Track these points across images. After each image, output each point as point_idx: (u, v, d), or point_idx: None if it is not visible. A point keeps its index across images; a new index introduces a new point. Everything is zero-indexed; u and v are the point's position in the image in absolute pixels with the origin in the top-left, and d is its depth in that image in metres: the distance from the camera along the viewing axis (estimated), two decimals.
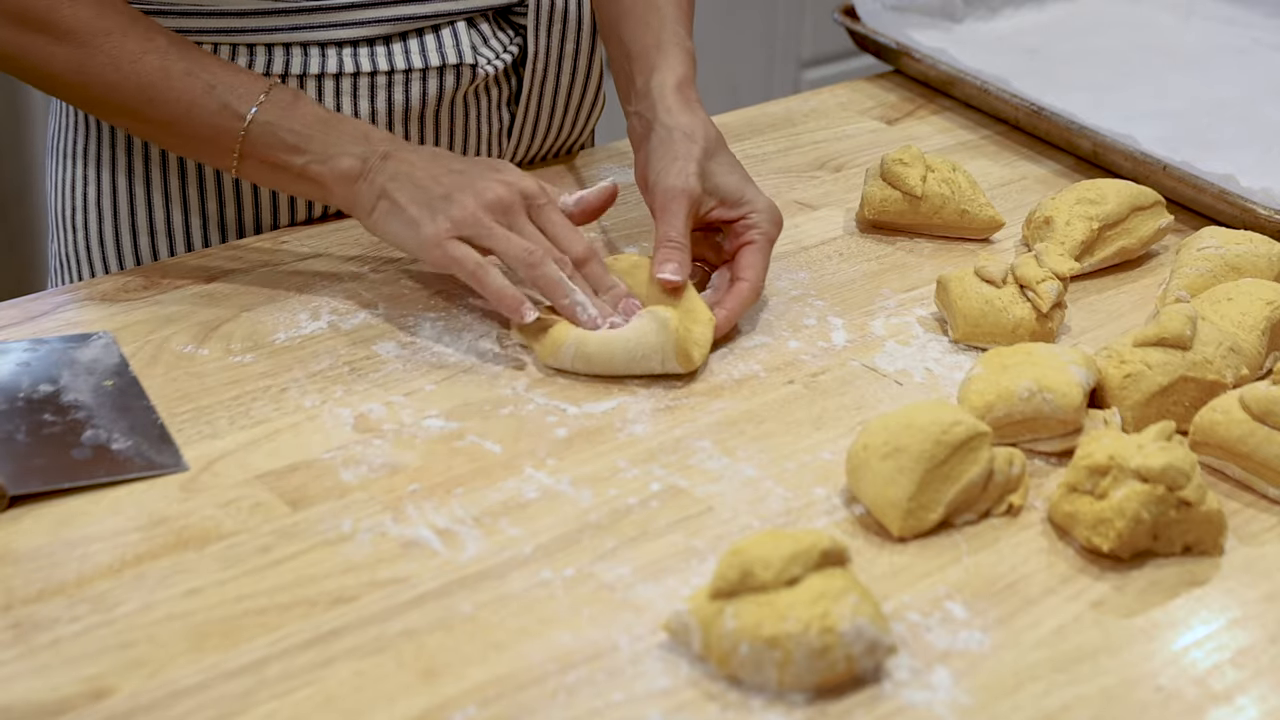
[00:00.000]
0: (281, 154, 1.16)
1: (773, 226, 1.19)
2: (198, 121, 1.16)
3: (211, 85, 1.15)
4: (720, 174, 1.19)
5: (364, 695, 0.86)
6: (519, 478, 1.03)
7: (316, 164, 1.15)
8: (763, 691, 0.87)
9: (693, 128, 1.19)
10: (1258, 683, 0.90)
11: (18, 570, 0.94)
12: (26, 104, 2.31)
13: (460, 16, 1.30)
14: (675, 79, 1.23)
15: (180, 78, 1.15)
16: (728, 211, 1.19)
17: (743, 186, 1.19)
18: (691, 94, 1.23)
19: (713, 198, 1.18)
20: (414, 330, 1.17)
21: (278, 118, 1.15)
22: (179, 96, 1.15)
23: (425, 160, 1.15)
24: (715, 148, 1.20)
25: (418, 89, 1.29)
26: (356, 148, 1.15)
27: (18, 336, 1.15)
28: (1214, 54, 1.68)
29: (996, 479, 1.00)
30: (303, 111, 1.16)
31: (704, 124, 1.20)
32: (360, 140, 1.16)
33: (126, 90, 1.16)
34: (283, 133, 1.15)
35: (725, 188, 1.19)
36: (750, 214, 1.18)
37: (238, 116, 1.15)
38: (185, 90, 1.15)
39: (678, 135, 1.19)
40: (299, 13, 1.25)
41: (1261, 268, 1.22)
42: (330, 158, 1.15)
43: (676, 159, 1.18)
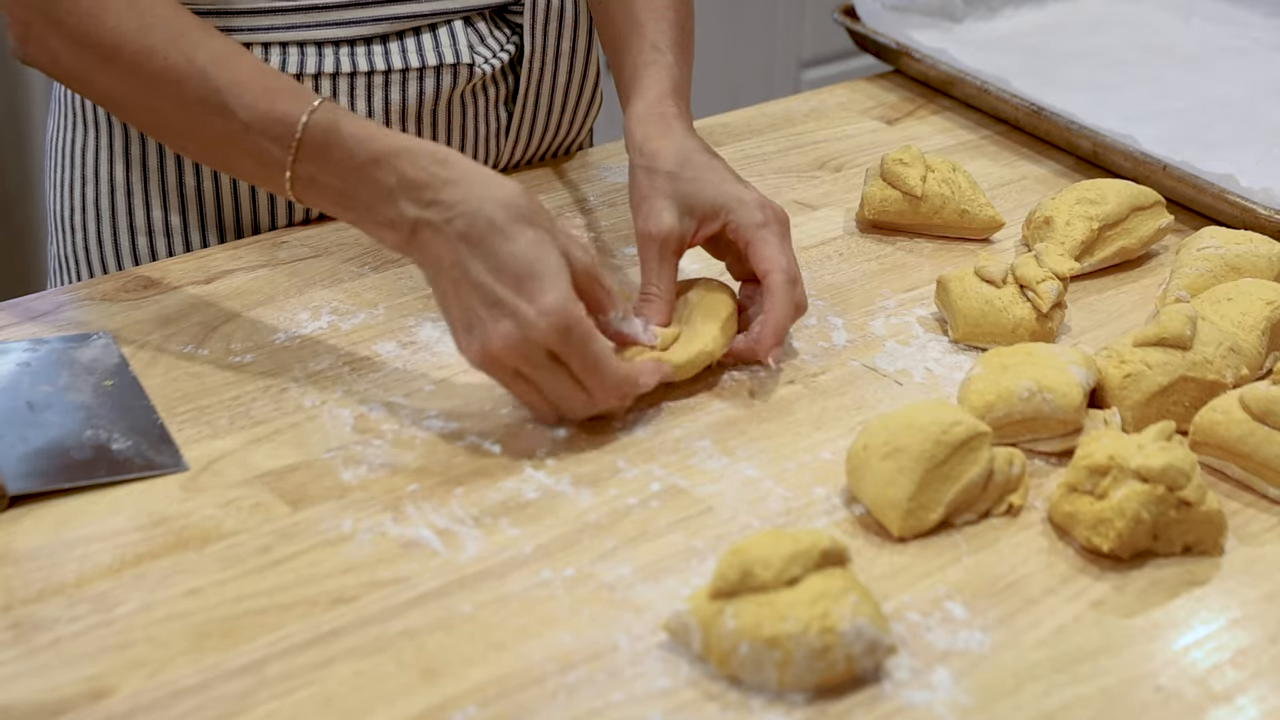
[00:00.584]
0: (329, 206, 1.09)
1: (756, 214, 1.13)
2: (243, 162, 1.10)
3: (247, 126, 1.07)
4: (691, 194, 1.14)
5: (364, 695, 0.86)
6: (519, 478, 1.03)
7: (359, 223, 1.08)
8: (763, 691, 0.87)
9: (656, 155, 1.15)
10: (1258, 683, 0.90)
11: (18, 570, 0.94)
12: (27, 104, 2.31)
13: (457, 15, 1.30)
14: (644, 105, 1.18)
15: (216, 118, 1.08)
16: (711, 225, 1.14)
17: (716, 194, 1.14)
18: (665, 108, 1.18)
19: (691, 219, 1.14)
20: (414, 330, 1.17)
21: (316, 170, 1.07)
22: (217, 136, 1.09)
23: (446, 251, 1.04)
24: (684, 165, 1.14)
25: (414, 88, 1.29)
26: (388, 209, 1.05)
27: (18, 336, 1.15)
28: (1214, 54, 1.68)
29: (996, 479, 1.00)
30: (336, 160, 1.06)
31: (671, 143, 1.15)
32: (392, 196, 1.05)
33: (168, 120, 1.12)
34: (323, 188, 1.07)
35: (699, 205, 1.13)
36: (729, 218, 1.13)
37: (278, 165, 1.07)
38: (223, 131, 1.08)
39: (640, 173, 1.15)
40: (296, 11, 1.25)
41: (1261, 268, 1.22)
42: (369, 220, 1.07)
43: (644, 199, 1.14)
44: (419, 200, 1.04)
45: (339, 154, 1.06)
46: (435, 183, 1.04)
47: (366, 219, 1.07)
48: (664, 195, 1.13)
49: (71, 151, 1.33)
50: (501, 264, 1.02)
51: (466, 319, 1.04)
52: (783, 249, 1.13)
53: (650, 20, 1.24)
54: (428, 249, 1.04)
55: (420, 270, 1.07)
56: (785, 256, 1.12)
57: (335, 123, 1.06)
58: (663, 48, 1.23)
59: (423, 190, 1.04)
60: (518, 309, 1.02)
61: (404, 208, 1.04)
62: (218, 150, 1.11)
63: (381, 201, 1.05)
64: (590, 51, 1.37)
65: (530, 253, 1.03)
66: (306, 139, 1.06)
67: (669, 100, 1.19)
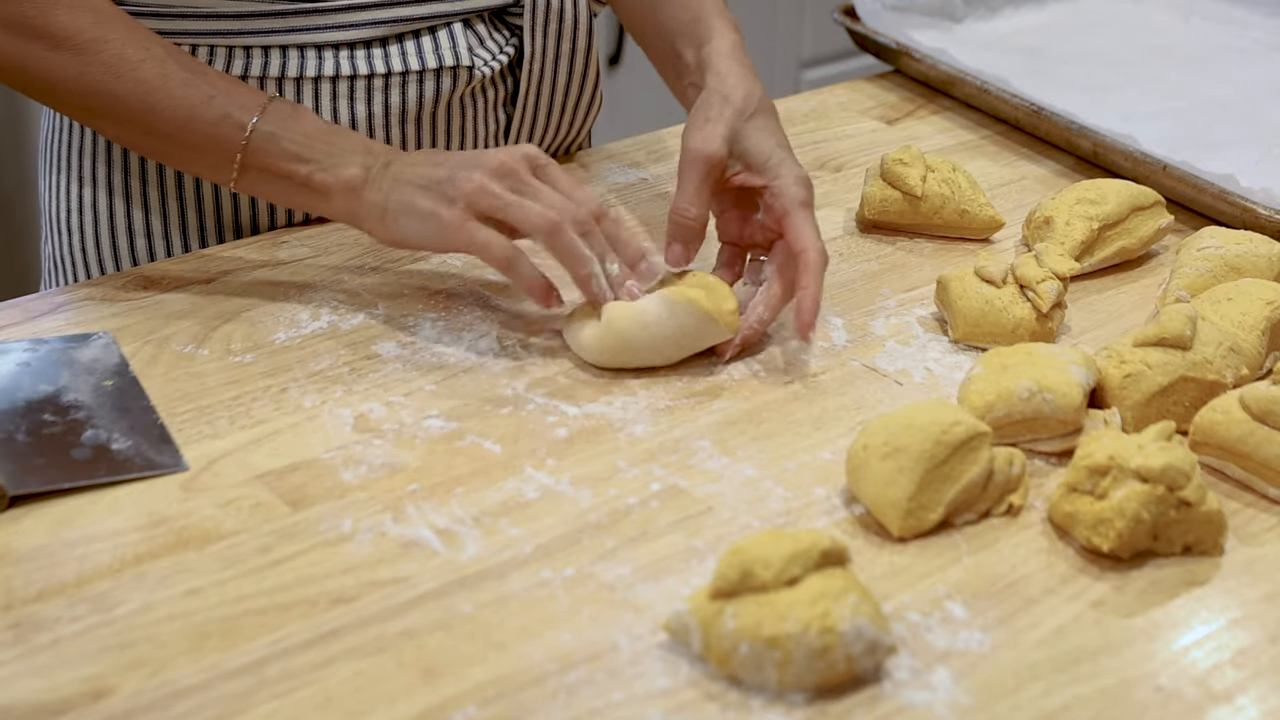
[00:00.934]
0: (284, 163, 1.15)
1: (800, 190, 1.16)
2: (198, 131, 1.15)
3: (211, 95, 1.15)
4: (751, 138, 1.17)
5: (364, 695, 0.86)
6: (519, 478, 1.03)
7: (320, 173, 1.14)
8: (763, 691, 0.87)
9: (732, 90, 1.18)
10: (1258, 683, 0.90)
11: (18, 570, 0.94)
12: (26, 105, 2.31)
13: (456, 18, 1.30)
14: (728, 45, 1.22)
15: (180, 86, 1.14)
16: (753, 177, 1.17)
17: (772, 151, 1.17)
18: (745, 57, 1.22)
19: (739, 161, 1.17)
20: (414, 330, 1.17)
21: (280, 127, 1.15)
22: (179, 105, 1.14)
23: (425, 156, 1.14)
24: (754, 111, 1.18)
25: (414, 91, 1.29)
26: (359, 157, 1.14)
27: (18, 336, 1.15)
28: (1214, 54, 1.68)
29: (996, 479, 1.00)
30: (304, 122, 1.16)
31: (747, 87, 1.19)
32: (363, 151, 1.15)
33: (126, 98, 1.15)
34: (285, 142, 1.15)
35: (753, 151, 1.17)
36: (775, 180, 1.16)
37: (239, 126, 1.14)
38: (185, 99, 1.14)
39: (714, 98, 1.18)
40: (295, 15, 1.25)
41: (1261, 268, 1.21)
42: (334, 167, 1.14)
43: (707, 121, 1.17)
44: (389, 150, 1.15)
45: (306, 118, 1.16)
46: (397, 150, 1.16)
47: (327, 165, 1.14)
48: (727, 124, 1.16)
49: (66, 153, 1.33)
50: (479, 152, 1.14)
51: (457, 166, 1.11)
52: (816, 230, 1.15)
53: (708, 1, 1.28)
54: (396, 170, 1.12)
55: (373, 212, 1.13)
56: (819, 238, 1.15)
57: (298, 104, 1.18)
58: (722, 6, 1.27)
59: (387, 151, 1.15)
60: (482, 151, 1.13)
61: (378, 154, 1.14)
62: (169, 124, 1.15)
63: (350, 151, 1.14)
64: (590, 53, 1.37)
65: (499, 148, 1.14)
66: (275, 104, 1.15)
67: (743, 52, 1.23)
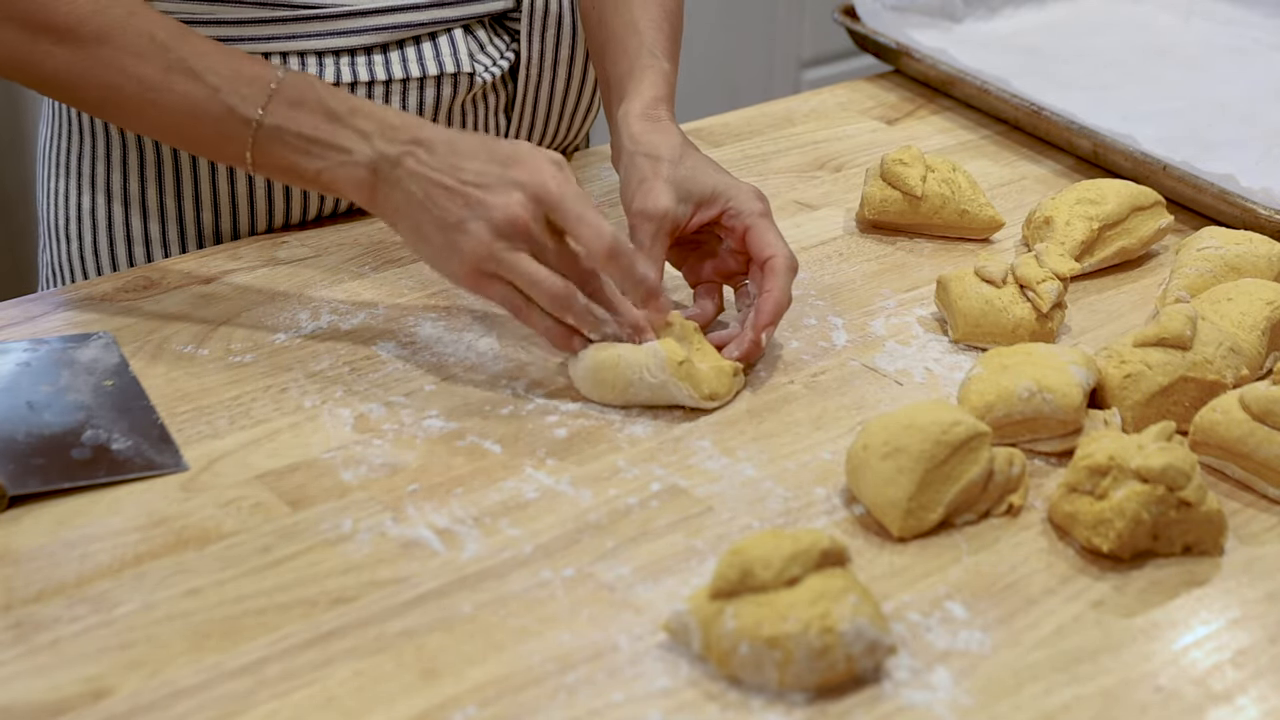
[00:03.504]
0: (293, 158, 1.11)
1: (756, 202, 1.16)
2: (205, 128, 1.12)
3: (216, 88, 1.10)
4: (690, 180, 1.16)
5: (364, 695, 0.86)
6: (519, 478, 1.03)
7: (328, 171, 1.10)
8: (763, 691, 0.87)
9: (655, 146, 1.17)
10: (1258, 683, 0.90)
11: (18, 570, 0.94)
12: (26, 105, 2.31)
13: (457, 24, 1.30)
14: (642, 104, 1.20)
15: (183, 80, 1.10)
16: (707, 211, 1.16)
17: (715, 182, 1.16)
18: (659, 112, 1.20)
19: (688, 204, 1.16)
20: (414, 330, 1.17)
21: (285, 119, 1.10)
22: (181, 101, 1.11)
23: (438, 163, 1.08)
24: (682, 156, 1.17)
25: (415, 98, 1.29)
26: (365, 150, 1.09)
27: (18, 336, 1.15)
28: (1214, 54, 1.68)
29: (996, 479, 1.00)
30: (311, 108, 1.10)
31: (668, 138, 1.18)
32: (367, 139, 1.09)
33: (131, 96, 1.12)
34: (290, 137, 1.10)
35: (697, 191, 1.16)
36: (728, 204, 1.16)
37: (244, 122, 1.10)
38: (188, 95, 1.10)
39: (640, 159, 1.17)
40: (296, 21, 1.24)
41: (1261, 268, 1.22)
42: (340, 164, 1.10)
43: (643, 181, 1.15)
44: (399, 140, 1.09)
45: (314, 104, 1.10)
46: (415, 125, 1.09)
47: (336, 162, 1.09)
48: (663, 179, 1.15)
49: (65, 160, 1.33)
50: (492, 153, 1.08)
51: (462, 213, 1.06)
52: (781, 237, 1.15)
53: (648, 28, 1.26)
54: (412, 177, 1.08)
55: (393, 212, 1.09)
56: (785, 244, 1.14)
57: (309, 81, 1.11)
58: (659, 54, 1.24)
59: (401, 131, 1.09)
60: (514, 177, 1.06)
61: (383, 145, 1.08)
62: (177, 118, 1.12)
63: (359, 141, 1.09)
64: (587, 57, 1.38)
65: (514, 146, 1.09)
66: (280, 92, 1.10)
67: (664, 105, 1.21)
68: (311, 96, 1.10)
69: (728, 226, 1.16)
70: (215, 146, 1.13)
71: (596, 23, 1.29)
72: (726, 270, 1.19)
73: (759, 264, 1.14)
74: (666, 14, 1.27)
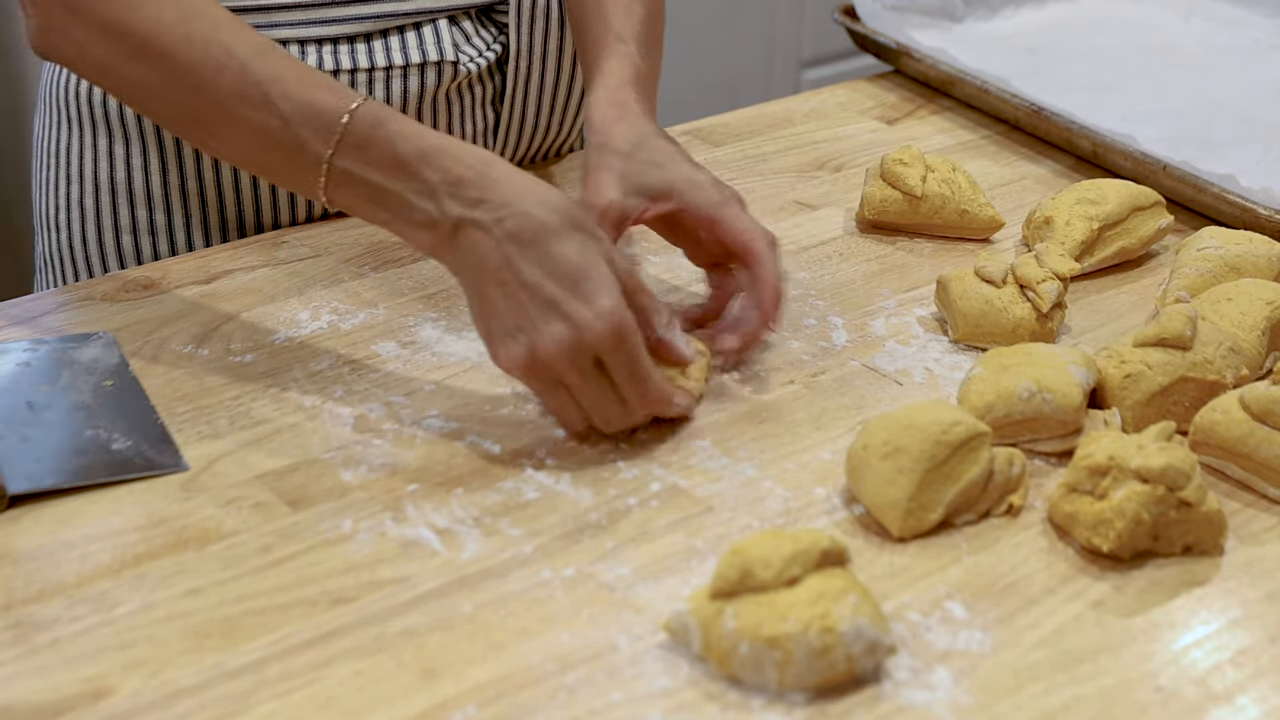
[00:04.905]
0: (362, 205, 1.05)
1: (711, 193, 1.12)
2: (277, 160, 1.06)
3: (287, 120, 1.03)
4: (644, 173, 1.12)
5: (364, 695, 0.86)
6: (519, 478, 1.03)
7: (394, 223, 1.04)
8: (763, 691, 0.87)
9: (610, 135, 1.13)
10: (1258, 683, 0.90)
11: (18, 570, 0.94)
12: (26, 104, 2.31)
13: (442, 14, 1.30)
14: (606, 91, 1.17)
15: (256, 108, 1.04)
16: (662, 205, 1.13)
17: (671, 176, 1.12)
18: (625, 97, 1.16)
19: (641, 198, 1.12)
20: (414, 330, 1.17)
21: (353, 164, 1.03)
22: (255, 130, 1.04)
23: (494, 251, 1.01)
24: (638, 148, 1.13)
25: (398, 86, 1.28)
26: (428, 207, 1.02)
27: (18, 336, 1.15)
28: (1214, 54, 1.68)
29: (996, 479, 1.00)
30: (379, 153, 1.03)
31: (629, 128, 1.14)
32: (432, 196, 1.02)
33: (204, 114, 1.06)
34: (359, 185, 1.04)
35: (652, 185, 1.12)
36: (683, 198, 1.12)
37: (316, 160, 1.03)
38: (262, 124, 1.04)
39: (592, 150, 1.14)
40: (278, 10, 1.24)
41: (1261, 268, 1.22)
42: (406, 219, 1.04)
43: (591, 172, 1.12)
44: (464, 199, 1.02)
45: (382, 148, 1.03)
46: (482, 181, 1.02)
47: (403, 217, 1.03)
48: (612, 171, 1.12)
49: (58, 150, 1.33)
50: (554, 265, 1.00)
51: (514, 321, 1.01)
52: (751, 218, 1.12)
53: (615, 13, 1.23)
54: (472, 250, 1.02)
55: (455, 273, 1.04)
56: (757, 224, 1.12)
57: (380, 118, 1.04)
58: (626, 39, 1.21)
59: (468, 188, 1.02)
60: (572, 310, 1.00)
61: (447, 205, 1.02)
62: (250, 146, 1.06)
63: (423, 198, 1.03)
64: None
65: (583, 256, 1.01)
66: (350, 132, 1.03)
67: (629, 88, 1.17)
68: (381, 137, 1.03)
69: (691, 223, 1.13)
70: (292, 181, 1.07)
71: (575, 12, 1.27)
72: (713, 257, 1.17)
73: (738, 252, 1.12)
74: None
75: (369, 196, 1.04)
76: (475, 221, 1.02)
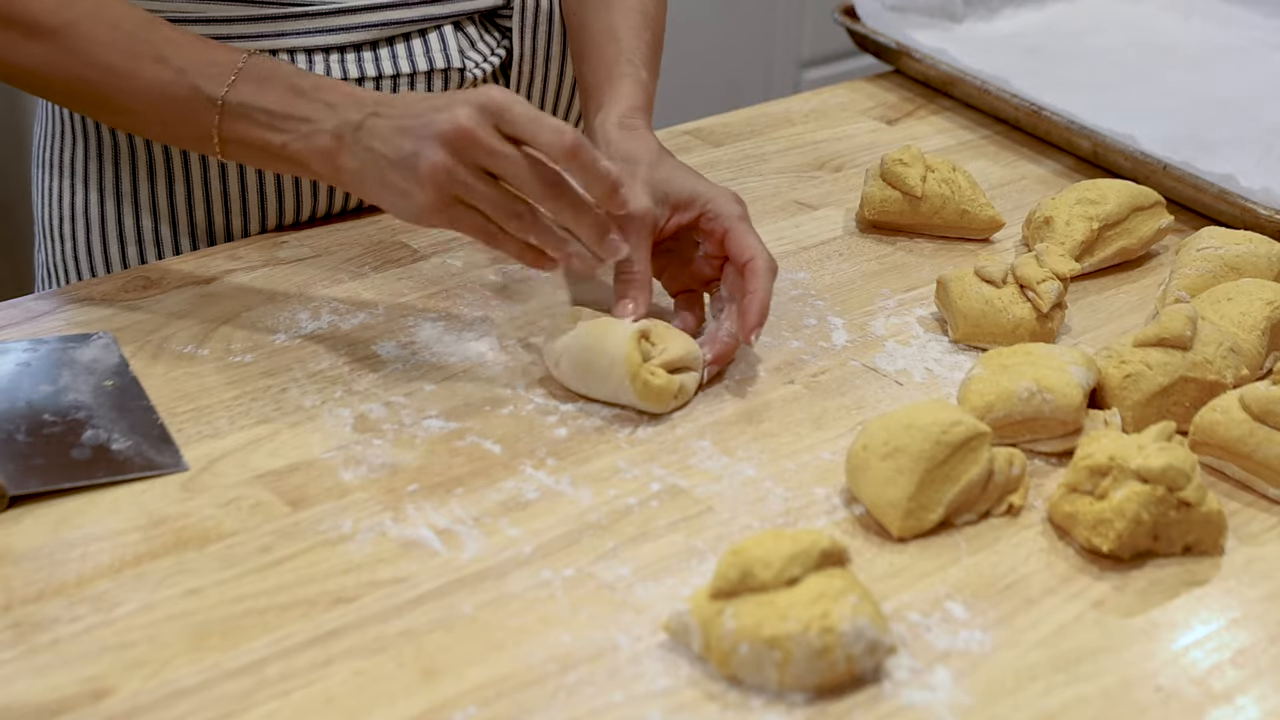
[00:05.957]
0: (259, 133, 1.11)
1: (734, 205, 1.15)
2: (172, 109, 1.12)
3: (182, 69, 1.11)
4: (666, 183, 1.15)
5: (364, 695, 0.86)
6: (519, 478, 1.03)
7: (295, 142, 1.10)
8: (763, 691, 0.87)
9: (631, 151, 1.16)
10: (1258, 683, 0.90)
11: (18, 570, 0.94)
12: (26, 104, 2.31)
13: (447, 20, 1.30)
14: (618, 113, 1.20)
15: (151, 65, 1.11)
16: (684, 214, 1.15)
17: (693, 184, 1.16)
18: (635, 121, 1.20)
19: (664, 207, 1.15)
20: (414, 330, 1.17)
21: (251, 96, 1.10)
22: (149, 84, 1.11)
23: (395, 113, 1.08)
24: (658, 161, 1.17)
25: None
26: (330, 119, 1.09)
27: (18, 336, 1.15)
28: (1214, 54, 1.68)
29: (996, 479, 1.00)
30: (277, 85, 1.11)
31: (644, 145, 1.17)
32: (336, 108, 1.09)
33: (97, 82, 1.12)
34: (256, 112, 1.10)
35: (675, 192, 1.15)
36: (706, 206, 1.15)
37: (210, 100, 1.10)
38: (156, 77, 1.11)
39: (616, 164, 1.14)
40: (284, 19, 1.25)
41: (1261, 268, 1.22)
42: (306, 135, 1.10)
43: None
44: (363, 108, 1.09)
45: (280, 82, 1.10)
46: (379, 95, 1.10)
47: (303, 132, 1.09)
48: (640, 180, 1.14)
49: (58, 160, 1.33)
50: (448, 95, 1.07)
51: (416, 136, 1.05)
52: (759, 240, 1.14)
53: (627, 33, 1.25)
54: (366, 138, 1.07)
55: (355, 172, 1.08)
56: (764, 246, 1.14)
57: (277, 62, 1.12)
58: (637, 63, 1.24)
59: (366, 100, 1.09)
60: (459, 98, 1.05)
61: (346, 114, 1.08)
62: (145, 102, 1.12)
63: (323, 113, 1.09)
64: None
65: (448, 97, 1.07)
66: (245, 71, 1.10)
67: (640, 115, 1.20)
68: (277, 74, 1.11)
69: (706, 230, 1.15)
70: (182, 129, 1.13)
71: (577, 26, 1.29)
72: (703, 276, 1.18)
73: (739, 266, 1.13)
74: (647, 20, 1.27)
75: (265, 124, 1.10)
76: (375, 112, 1.08)
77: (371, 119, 1.08)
